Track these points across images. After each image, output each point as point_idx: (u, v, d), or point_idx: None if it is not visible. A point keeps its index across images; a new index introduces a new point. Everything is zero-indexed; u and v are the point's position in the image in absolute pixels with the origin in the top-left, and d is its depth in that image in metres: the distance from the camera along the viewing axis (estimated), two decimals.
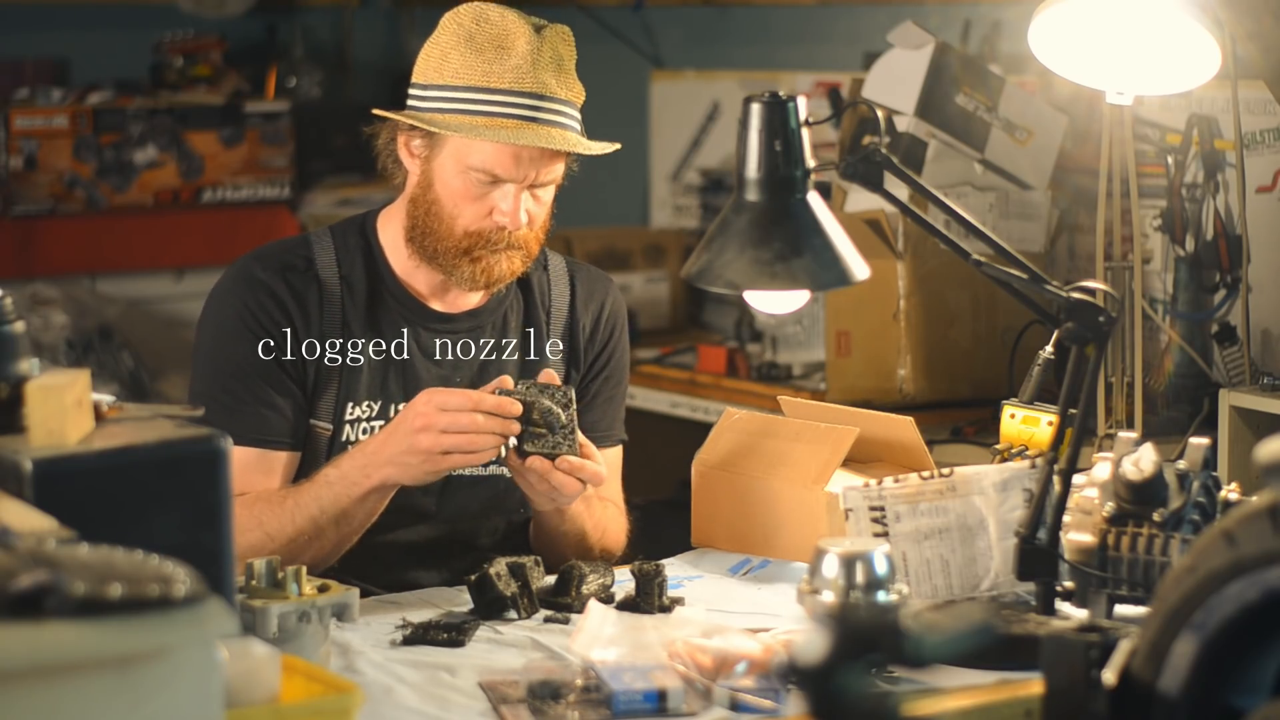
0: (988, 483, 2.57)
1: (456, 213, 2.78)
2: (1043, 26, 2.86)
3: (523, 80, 2.74)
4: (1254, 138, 3.88)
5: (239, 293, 2.84)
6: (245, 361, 2.81)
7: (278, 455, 2.81)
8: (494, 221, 2.77)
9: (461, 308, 2.91)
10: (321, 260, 2.87)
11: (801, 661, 1.55)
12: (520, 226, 2.77)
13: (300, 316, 2.83)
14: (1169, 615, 1.78)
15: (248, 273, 2.85)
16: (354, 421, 2.84)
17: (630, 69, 5.81)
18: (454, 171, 2.77)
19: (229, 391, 2.79)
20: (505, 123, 2.73)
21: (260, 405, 2.80)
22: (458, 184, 2.77)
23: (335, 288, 2.85)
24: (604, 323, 3.00)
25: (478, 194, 2.77)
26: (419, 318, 2.89)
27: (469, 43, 2.76)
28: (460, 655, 2.42)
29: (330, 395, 2.83)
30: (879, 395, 4.12)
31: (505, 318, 2.94)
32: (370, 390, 2.85)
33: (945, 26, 4.80)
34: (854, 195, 4.10)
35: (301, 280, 2.84)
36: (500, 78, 2.74)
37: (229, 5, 5.84)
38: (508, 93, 2.74)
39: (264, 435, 2.80)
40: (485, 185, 2.76)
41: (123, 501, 1.91)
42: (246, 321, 2.81)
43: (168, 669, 1.56)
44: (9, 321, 2.05)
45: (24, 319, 2.08)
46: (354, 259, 2.88)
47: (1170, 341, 3.93)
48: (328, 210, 5.72)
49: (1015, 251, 2.45)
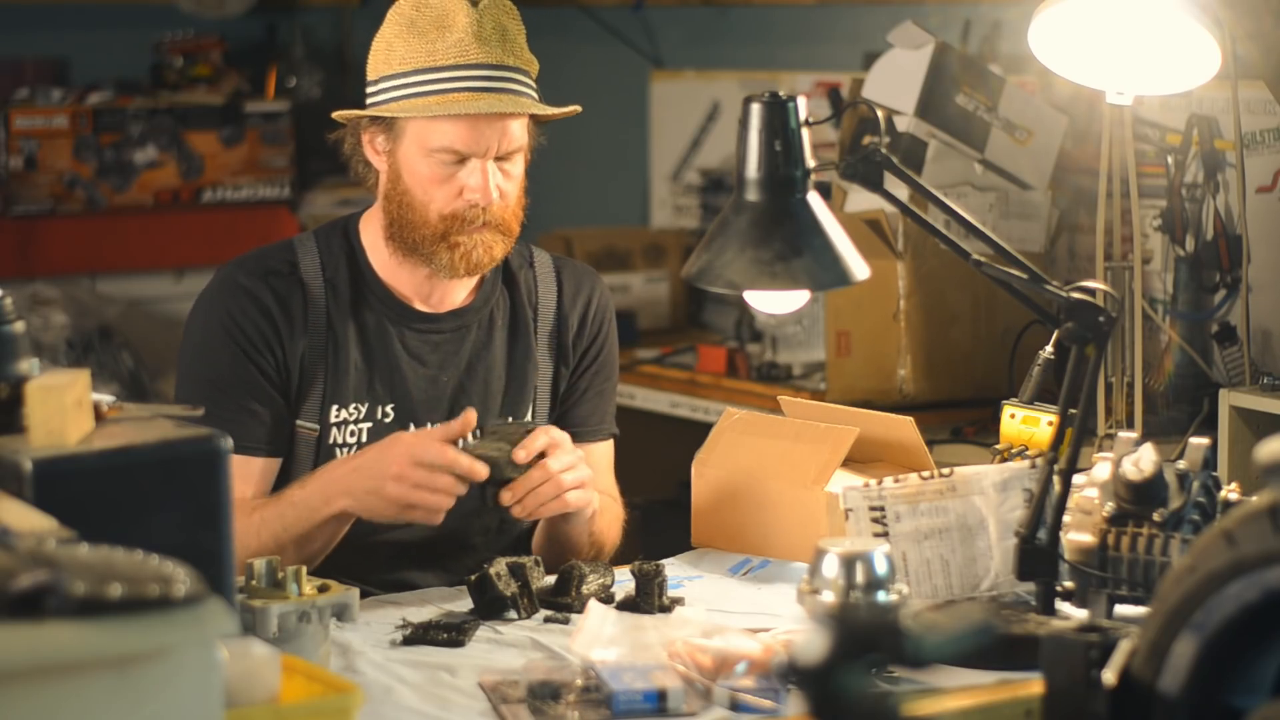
0: (988, 483, 2.58)
1: (428, 199, 2.79)
2: (1043, 26, 2.87)
3: (467, 53, 2.75)
4: (1254, 138, 3.88)
5: (223, 299, 2.84)
6: (226, 368, 2.81)
7: (255, 461, 2.82)
8: (466, 200, 2.78)
9: (446, 307, 2.91)
10: (305, 264, 2.87)
11: (801, 661, 1.55)
12: (491, 200, 2.78)
13: (284, 321, 2.83)
14: (1169, 615, 1.78)
15: (231, 279, 2.86)
16: (340, 424, 2.84)
17: (630, 69, 5.81)
18: (418, 158, 2.78)
19: (208, 397, 2.78)
20: (456, 97, 2.75)
21: (239, 412, 2.80)
22: (424, 170, 2.78)
23: (319, 291, 2.86)
24: (591, 317, 3.00)
25: (445, 176, 2.78)
26: (404, 319, 2.89)
27: (410, 28, 2.79)
28: (460, 655, 2.42)
29: (315, 398, 2.83)
30: (879, 395, 4.12)
31: (492, 316, 2.94)
32: (357, 393, 2.85)
33: (945, 26, 4.80)
34: (854, 195, 4.10)
35: (285, 285, 2.85)
36: (445, 54, 2.76)
37: (229, 5, 5.84)
38: (453, 68, 2.76)
39: (242, 441, 2.78)
40: (451, 166, 2.77)
41: (123, 501, 1.91)
42: (229, 328, 2.82)
43: (168, 669, 1.56)
44: (9, 321, 2.05)
45: (24, 319, 2.08)
46: (338, 262, 2.88)
47: (1170, 341, 3.93)
48: (328, 210, 5.72)
49: (1015, 251, 2.45)
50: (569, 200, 5.67)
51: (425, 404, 2.88)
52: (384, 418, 2.86)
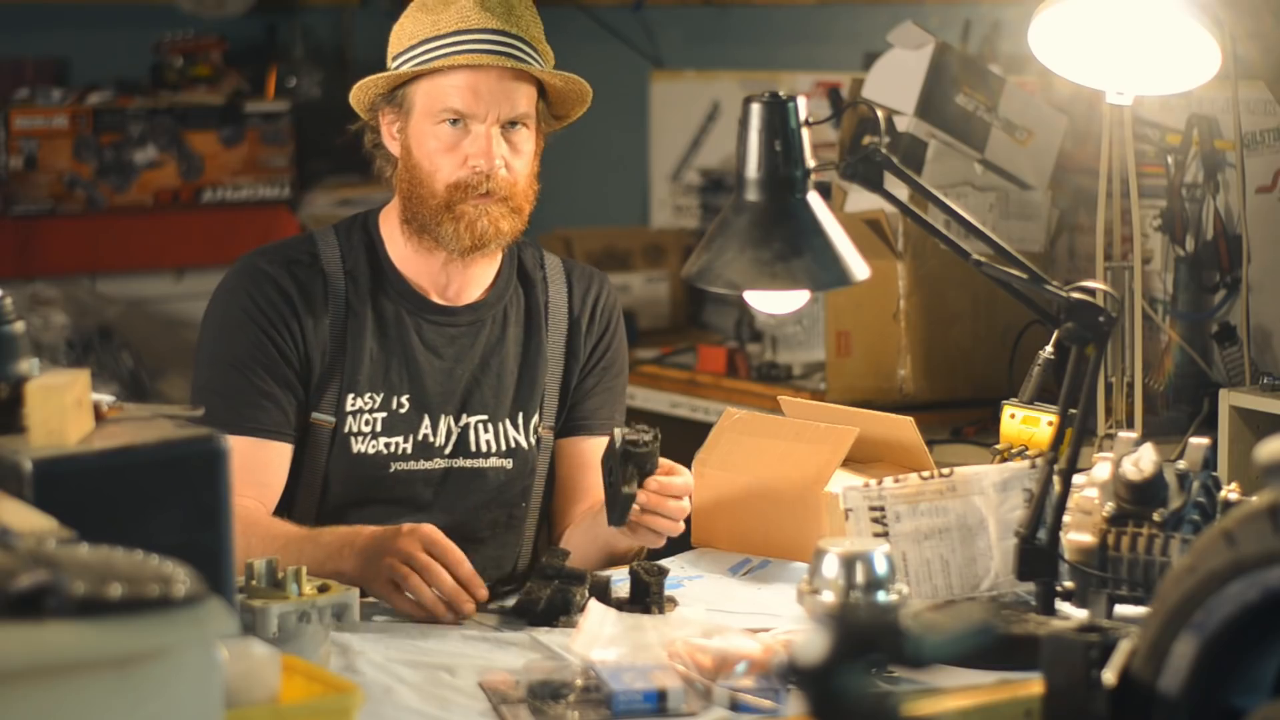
0: (988, 483, 2.58)
1: (434, 168, 2.82)
2: (1043, 26, 2.87)
3: (468, 19, 2.80)
4: (1254, 138, 3.88)
5: (244, 286, 2.87)
6: (247, 353, 2.83)
7: (275, 446, 2.83)
8: (470, 168, 2.80)
9: (463, 300, 2.93)
10: (326, 255, 2.90)
11: (801, 661, 1.55)
12: (494, 166, 2.79)
13: (305, 309, 2.85)
14: (1169, 615, 1.78)
15: (253, 267, 2.88)
16: (355, 413, 2.85)
17: (630, 69, 5.81)
18: (426, 128, 2.82)
19: (230, 382, 2.82)
20: (457, 58, 2.79)
21: (260, 396, 2.82)
22: (430, 141, 2.82)
23: (340, 281, 2.88)
24: (599, 315, 3.02)
25: (450, 143, 2.81)
26: (421, 310, 2.91)
27: (421, 7, 2.85)
28: (460, 655, 2.42)
29: (333, 388, 2.85)
30: (879, 395, 4.12)
31: (506, 311, 2.96)
32: (372, 382, 2.86)
33: (945, 26, 4.80)
34: (854, 195, 4.10)
35: (307, 274, 2.87)
36: (448, 23, 2.81)
37: (229, 5, 5.84)
38: (456, 33, 2.80)
39: (263, 426, 2.81)
40: (456, 133, 2.80)
41: (123, 501, 1.91)
42: (251, 313, 2.84)
43: (168, 669, 1.56)
44: (9, 321, 2.05)
45: (24, 319, 2.08)
46: (358, 254, 2.91)
47: (1170, 341, 3.93)
48: (328, 210, 5.72)
49: (1015, 251, 2.45)
50: (569, 200, 5.67)
51: (439, 396, 2.89)
52: (399, 408, 2.87)
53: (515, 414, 2.93)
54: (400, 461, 2.87)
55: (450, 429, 2.89)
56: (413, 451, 2.87)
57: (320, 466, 2.86)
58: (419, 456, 2.88)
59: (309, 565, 2.57)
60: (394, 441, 2.86)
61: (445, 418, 2.89)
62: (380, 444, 2.86)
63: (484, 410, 2.92)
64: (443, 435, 2.89)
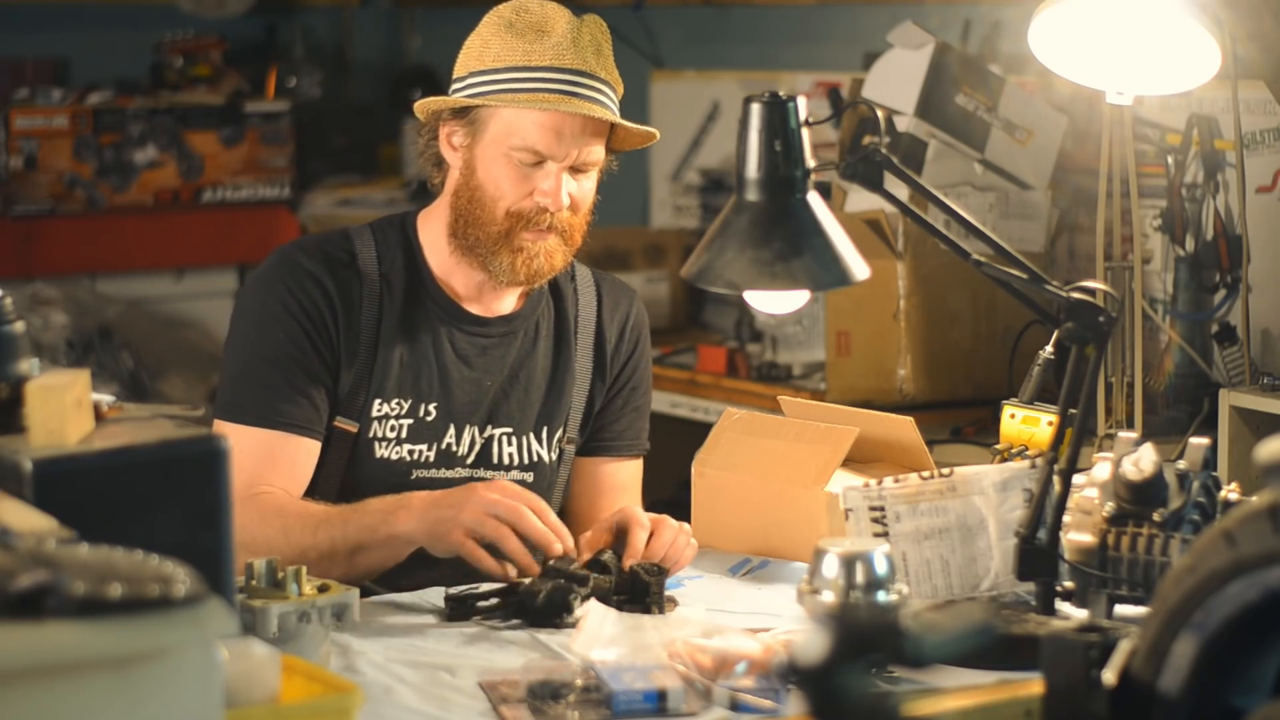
0: (988, 483, 2.57)
1: (499, 195, 2.79)
2: (1043, 26, 2.86)
3: (563, 57, 2.76)
4: (1254, 138, 3.88)
5: (283, 279, 2.84)
6: (284, 347, 2.81)
7: (305, 443, 2.81)
8: (535, 202, 2.78)
9: (497, 311, 2.91)
10: (363, 255, 2.87)
11: (801, 661, 1.55)
12: (562, 207, 2.78)
13: (344, 308, 2.83)
14: (1169, 615, 1.78)
15: (292, 260, 2.85)
16: (381, 418, 2.84)
17: (630, 69, 5.78)
18: (497, 154, 2.78)
19: (265, 375, 2.79)
20: (548, 97, 2.75)
21: (295, 392, 2.80)
22: (500, 167, 2.78)
23: (375, 283, 2.86)
24: (629, 333, 3.01)
25: (521, 175, 2.78)
26: (455, 319, 2.89)
27: (509, 29, 2.79)
28: (460, 655, 2.42)
29: (361, 391, 2.83)
30: (879, 395, 4.12)
31: (538, 325, 2.95)
32: (400, 388, 2.85)
33: (945, 26, 4.80)
34: (854, 195, 4.10)
35: (346, 273, 2.85)
36: (541, 56, 2.76)
37: (229, 5, 5.85)
38: (549, 69, 2.76)
39: (296, 421, 2.79)
40: (528, 166, 2.77)
41: (123, 501, 1.91)
42: (290, 307, 2.82)
43: (168, 669, 1.56)
44: (9, 321, 2.05)
45: (24, 319, 2.08)
46: (394, 256, 2.89)
47: (1170, 341, 3.93)
48: (328, 210, 5.72)
49: (1015, 251, 2.45)
50: None
51: (467, 405, 2.88)
52: (426, 415, 2.85)
53: (540, 428, 2.92)
54: (422, 469, 2.86)
55: (474, 439, 2.88)
56: (435, 460, 2.86)
57: (338, 471, 2.84)
58: (441, 465, 2.87)
59: (354, 535, 2.61)
60: (418, 449, 2.85)
61: (470, 428, 2.88)
62: (404, 450, 2.85)
63: (509, 423, 2.90)
64: (466, 445, 2.88)
